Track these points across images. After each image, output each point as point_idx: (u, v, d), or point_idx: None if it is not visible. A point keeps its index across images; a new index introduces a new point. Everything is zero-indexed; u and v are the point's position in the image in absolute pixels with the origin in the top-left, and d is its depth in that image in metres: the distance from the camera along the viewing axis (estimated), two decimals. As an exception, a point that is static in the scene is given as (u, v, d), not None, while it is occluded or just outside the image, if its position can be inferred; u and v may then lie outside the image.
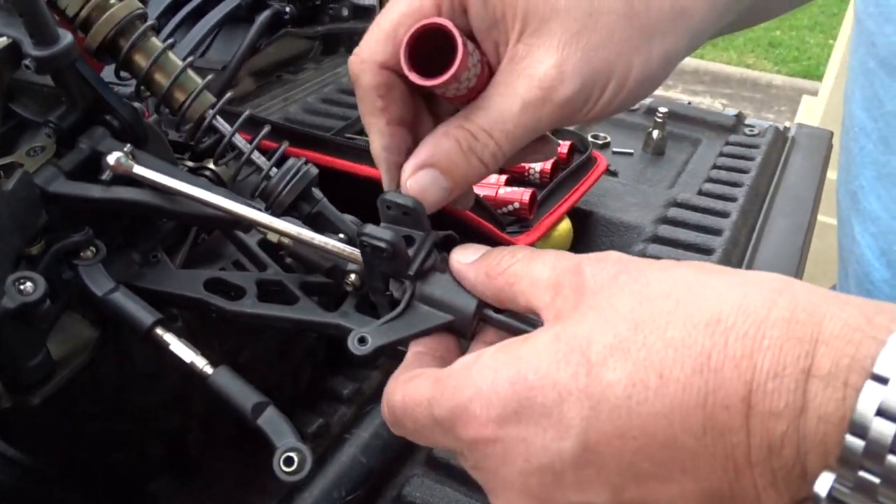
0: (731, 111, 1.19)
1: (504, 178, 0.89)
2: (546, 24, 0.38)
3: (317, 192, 0.50)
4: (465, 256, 0.41)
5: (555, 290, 0.36)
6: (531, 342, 0.34)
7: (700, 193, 0.97)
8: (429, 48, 0.38)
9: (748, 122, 1.16)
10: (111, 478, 0.61)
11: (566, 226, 0.86)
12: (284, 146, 0.52)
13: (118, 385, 0.55)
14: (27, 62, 0.47)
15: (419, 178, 0.40)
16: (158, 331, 0.47)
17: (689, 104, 1.25)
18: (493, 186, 0.85)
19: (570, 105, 0.39)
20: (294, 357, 0.66)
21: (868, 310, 0.29)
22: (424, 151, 0.41)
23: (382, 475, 0.60)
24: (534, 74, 0.38)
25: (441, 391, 0.36)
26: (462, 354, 0.41)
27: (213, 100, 0.54)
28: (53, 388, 0.48)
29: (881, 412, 0.27)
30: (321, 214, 0.49)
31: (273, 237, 0.50)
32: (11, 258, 0.45)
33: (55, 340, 0.49)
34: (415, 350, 0.41)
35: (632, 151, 1.09)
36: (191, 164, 0.61)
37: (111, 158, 0.48)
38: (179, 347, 0.47)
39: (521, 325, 0.40)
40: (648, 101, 1.19)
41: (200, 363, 0.46)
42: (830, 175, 0.97)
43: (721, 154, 1.07)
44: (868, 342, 0.28)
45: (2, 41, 0.48)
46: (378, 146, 0.42)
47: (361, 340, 0.41)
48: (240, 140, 0.52)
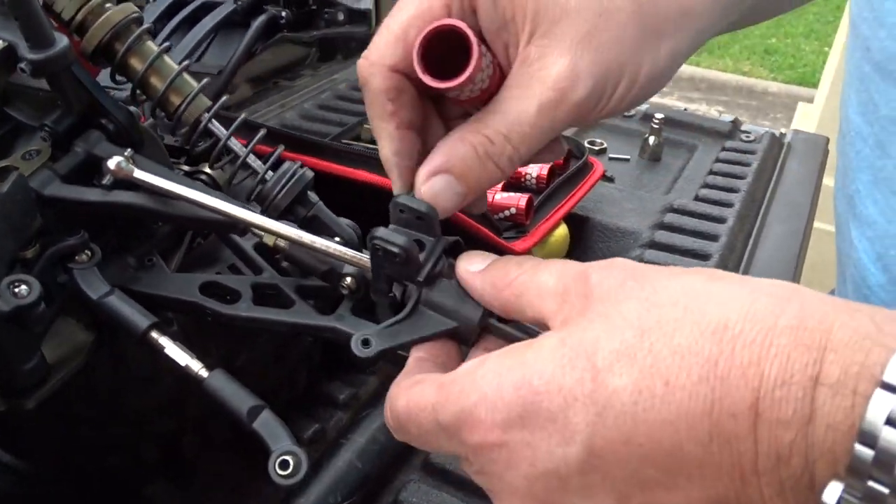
0: (728, 117, 1.19)
1: (500, 184, 0.89)
2: (557, 26, 0.38)
3: (312, 196, 0.50)
4: (472, 265, 0.40)
5: (562, 298, 0.36)
6: (536, 347, 0.34)
7: (696, 199, 0.97)
8: (440, 50, 0.38)
9: (744, 128, 1.16)
10: (106, 482, 0.60)
11: (563, 231, 0.86)
12: (280, 150, 0.52)
13: (113, 389, 0.55)
14: (23, 65, 0.47)
15: (433, 184, 0.40)
16: (153, 334, 0.47)
17: (686, 111, 1.25)
18: (490, 191, 0.85)
19: (584, 105, 0.39)
20: (290, 361, 0.66)
21: (878, 318, 0.29)
22: (439, 157, 0.40)
23: (379, 480, 0.59)
24: (547, 76, 0.38)
25: (446, 396, 0.36)
26: (462, 361, 0.41)
27: (209, 103, 0.54)
28: (48, 392, 0.47)
29: (891, 421, 0.26)
30: (317, 218, 0.49)
31: (269, 240, 0.50)
32: (6, 261, 0.45)
33: (50, 344, 0.48)
34: (416, 355, 0.41)
35: (628, 157, 1.10)
36: (186, 168, 0.61)
37: (112, 163, 0.48)
38: (174, 351, 0.47)
39: (523, 336, 0.39)
40: (645, 108, 1.20)
41: (196, 367, 0.46)
42: (827, 181, 0.97)
43: (717, 160, 1.07)
44: (878, 350, 0.27)
45: (-3, 44, 0.48)
46: (388, 151, 0.41)
47: (365, 343, 0.40)
48: (235, 144, 0.52)
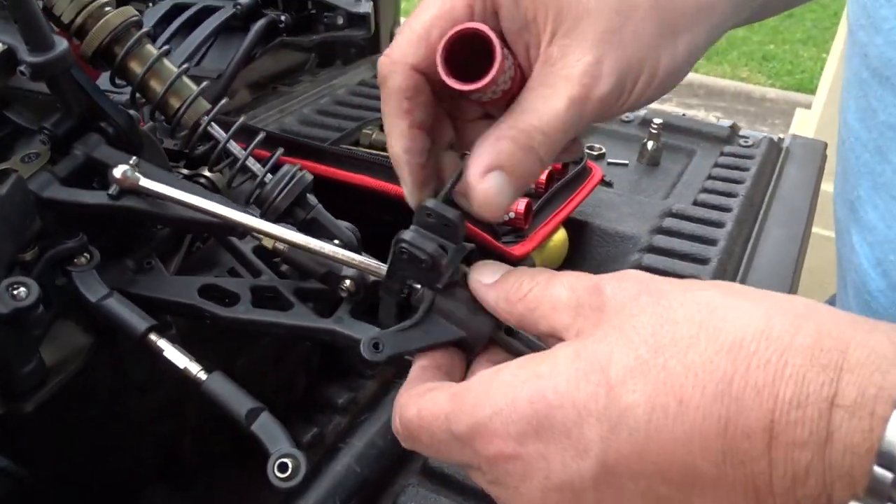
0: (726, 122, 1.19)
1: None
2: (578, 24, 0.38)
3: (311, 199, 0.50)
4: (485, 276, 0.40)
5: (575, 311, 0.36)
6: (550, 359, 0.34)
7: (695, 204, 0.97)
8: (463, 53, 0.38)
9: (742, 133, 1.17)
10: (105, 484, 0.60)
11: (562, 236, 0.86)
12: (279, 153, 0.52)
13: (112, 391, 0.55)
14: (22, 69, 0.47)
15: (489, 181, 0.39)
16: (152, 337, 0.47)
17: (684, 116, 1.25)
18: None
19: (607, 100, 0.39)
20: (289, 365, 0.66)
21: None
22: (485, 156, 0.39)
23: (377, 485, 0.59)
24: (573, 74, 0.38)
25: (460, 406, 0.35)
26: (466, 370, 0.41)
27: (208, 106, 0.54)
28: (47, 395, 0.47)
29: None
30: (316, 220, 0.49)
31: (268, 243, 0.50)
32: (5, 263, 0.45)
33: (48, 347, 0.48)
34: (421, 363, 0.41)
35: (627, 162, 1.10)
36: (186, 172, 0.61)
37: (117, 172, 0.48)
38: (173, 353, 0.47)
39: (527, 350, 0.39)
40: (643, 113, 1.20)
41: (194, 369, 0.46)
42: (825, 186, 0.97)
43: (716, 165, 1.07)
44: (895, 371, 0.27)
45: (-3, 48, 0.48)
46: (399, 148, 0.41)
47: (376, 346, 0.40)
48: (234, 147, 0.52)
